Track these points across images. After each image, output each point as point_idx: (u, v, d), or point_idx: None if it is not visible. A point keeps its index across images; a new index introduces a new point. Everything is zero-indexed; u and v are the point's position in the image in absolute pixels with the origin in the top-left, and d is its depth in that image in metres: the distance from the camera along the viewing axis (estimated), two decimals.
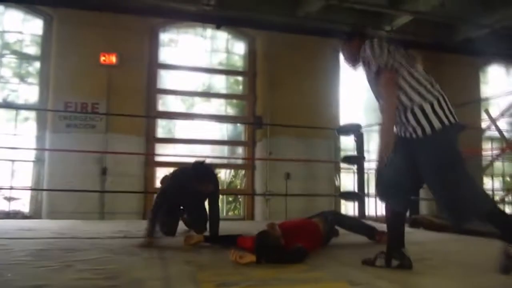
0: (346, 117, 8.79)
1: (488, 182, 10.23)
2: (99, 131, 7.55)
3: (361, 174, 6.22)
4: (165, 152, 8.29)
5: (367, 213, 6.28)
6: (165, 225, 3.93)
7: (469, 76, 9.90)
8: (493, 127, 9.69)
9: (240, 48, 9.13)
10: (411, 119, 2.44)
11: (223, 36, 8.93)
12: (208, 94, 8.81)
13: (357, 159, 6.13)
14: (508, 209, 10.19)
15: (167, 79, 8.53)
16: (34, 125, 7.69)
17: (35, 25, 7.92)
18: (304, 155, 8.23)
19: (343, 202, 8.28)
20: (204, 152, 8.14)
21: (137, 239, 3.71)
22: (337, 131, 6.82)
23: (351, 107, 9.18)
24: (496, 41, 9.29)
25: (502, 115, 9.47)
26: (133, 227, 4.48)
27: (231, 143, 8.91)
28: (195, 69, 8.66)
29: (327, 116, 8.61)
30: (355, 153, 6.19)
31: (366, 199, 6.37)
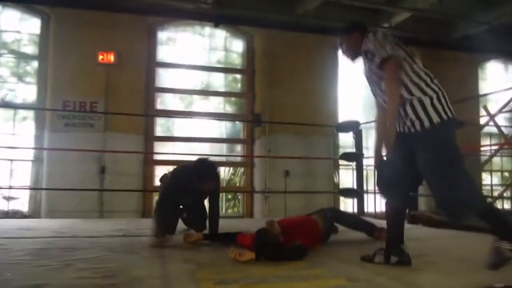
0: (344, 114, 8.80)
1: (486, 178, 10.25)
2: (97, 130, 7.54)
3: (360, 171, 6.23)
4: (163, 150, 8.28)
5: (366, 210, 6.30)
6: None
7: (467, 73, 9.91)
8: (491, 123, 9.72)
9: (238, 46, 9.12)
10: (410, 112, 2.43)
11: (221, 34, 8.92)
12: (206, 92, 8.80)
13: (356, 156, 6.14)
14: (507, 204, 10.23)
15: (165, 78, 8.51)
16: (33, 124, 7.68)
17: (33, 25, 7.90)
18: (303, 152, 8.23)
19: (342, 199, 8.30)
20: (203, 150, 8.15)
21: (136, 237, 3.73)
22: (336, 128, 6.82)
23: (349, 104, 9.17)
24: (494, 37, 9.29)
25: (500, 111, 9.49)
26: (132, 226, 4.49)
27: (229, 141, 8.91)
28: (194, 67, 8.64)
29: (326, 113, 8.62)
30: (354, 150, 6.19)
31: (365, 196, 6.38)
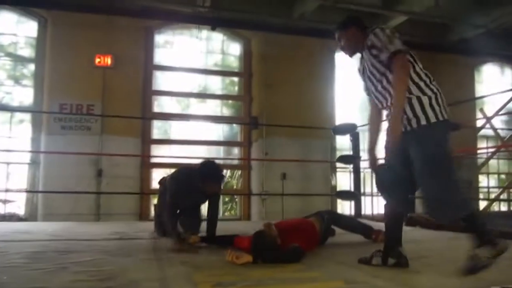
0: (341, 117, 8.80)
1: (483, 180, 10.29)
2: (94, 133, 7.53)
3: (357, 173, 6.23)
4: (161, 153, 8.27)
5: (363, 212, 6.30)
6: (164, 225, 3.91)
7: (464, 76, 9.95)
8: (488, 125, 9.75)
9: (235, 49, 9.13)
10: (408, 110, 2.43)
11: (218, 37, 8.93)
12: (203, 95, 8.80)
13: (353, 158, 6.14)
14: (503, 207, 10.27)
15: (162, 80, 8.51)
16: (29, 127, 7.66)
17: (30, 27, 7.89)
18: (300, 155, 8.23)
19: (339, 201, 8.30)
20: (200, 153, 8.14)
21: (133, 240, 3.72)
22: (333, 131, 6.83)
23: (346, 107, 9.18)
24: (490, 40, 9.34)
25: (497, 113, 9.52)
26: (129, 229, 4.48)
27: (227, 143, 8.91)
28: (191, 70, 8.65)
29: (323, 116, 8.62)
30: (351, 153, 6.20)
31: (362, 198, 6.39)
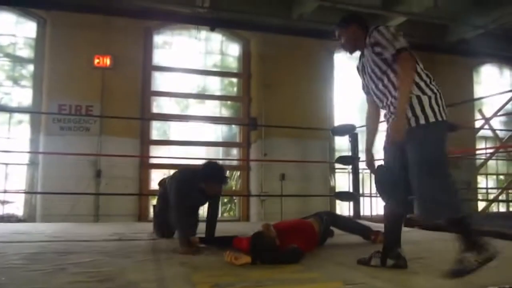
0: (340, 118, 8.80)
1: (482, 181, 10.30)
2: (93, 134, 7.52)
3: (356, 174, 6.23)
4: (159, 154, 8.27)
5: (362, 213, 6.30)
6: (164, 227, 3.90)
7: (462, 76, 9.96)
8: (486, 126, 9.77)
9: (234, 49, 9.13)
10: (407, 109, 2.41)
11: (217, 38, 8.93)
12: (202, 96, 8.80)
13: (352, 159, 6.13)
14: (502, 208, 10.28)
15: (161, 81, 8.50)
16: (28, 128, 7.64)
17: (29, 28, 7.88)
18: (299, 156, 8.24)
19: (338, 202, 8.29)
20: (199, 154, 8.14)
21: (132, 241, 3.71)
22: (332, 131, 6.82)
23: (345, 107, 9.18)
24: (489, 41, 9.36)
25: (496, 114, 9.54)
26: (127, 230, 4.47)
27: (225, 144, 8.90)
28: (190, 71, 8.64)
29: (322, 117, 8.63)
30: (350, 154, 6.20)
31: (361, 199, 6.39)
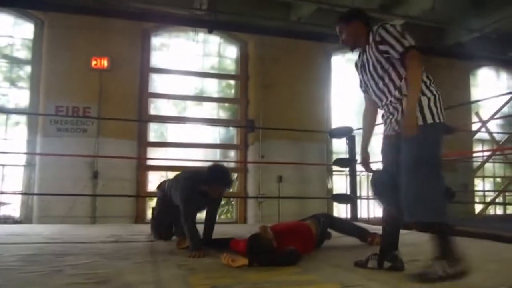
0: (338, 120, 8.82)
1: (479, 184, 10.33)
2: (90, 135, 7.51)
3: (353, 176, 6.25)
4: (157, 156, 8.25)
5: (359, 215, 6.31)
6: (162, 229, 3.89)
7: (459, 79, 9.98)
8: (483, 129, 9.82)
9: (232, 52, 9.14)
10: (406, 110, 2.39)
11: (215, 40, 8.93)
12: (200, 98, 8.79)
13: (349, 162, 6.15)
14: (499, 210, 10.31)
15: (159, 83, 8.49)
16: (25, 129, 7.62)
17: (26, 29, 7.86)
18: (296, 158, 8.24)
19: (335, 204, 8.30)
20: (197, 156, 8.13)
21: (129, 243, 3.71)
22: (329, 134, 6.82)
23: (343, 110, 9.20)
24: (486, 45, 9.41)
25: (492, 117, 9.58)
26: (125, 231, 4.47)
27: (223, 146, 8.89)
28: (187, 73, 8.64)
29: (319, 119, 8.65)
30: (347, 156, 6.21)
31: (358, 202, 6.40)
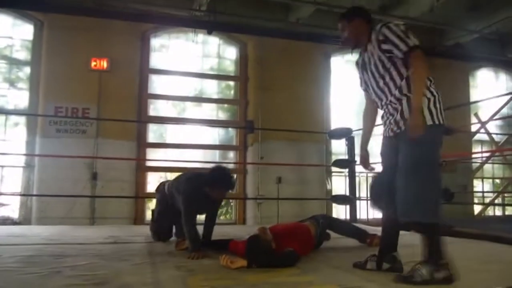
0: (337, 121, 8.82)
1: (478, 185, 10.34)
2: (89, 136, 7.50)
3: (352, 177, 6.25)
4: (156, 157, 8.25)
5: (358, 217, 6.31)
6: (163, 231, 3.88)
7: (459, 80, 9.98)
8: (482, 130, 9.82)
9: (231, 53, 9.15)
10: (405, 108, 2.38)
11: (214, 41, 8.94)
12: (199, 99, 8.79)
13: (348, 162, 6.15)
14: (498, 211, 10.31)
15: (158, 84, 8.49)
16: (24, 130, 7.62)
17: (26, 30, 7.87)
18: (295, 159, 8.25)
19: (334, 205, 8.29)
20: (196, 157, 8.13)
21: (128, 244, 3.70)
22: (328, 135, 6.84)
23: (342, 111, 9.20)
24: (485, 46, 9.42)
25: (491, 118, 9.59)
26: (123, 233, 4.46)
27: (222, 147, 8.89)
28: (187, 74, 8.64)
29: (318, 120, 8.66)
30: (346, 157, 6.21)
31: (358, 203, 6.39)
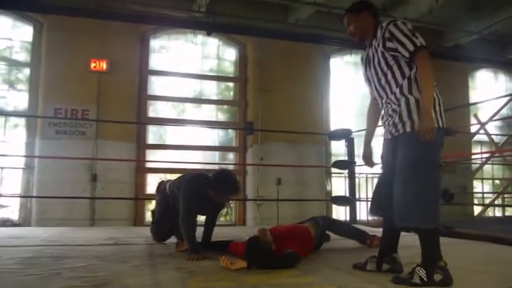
0: (336, 122, 8.83)
1: (478, 186, 10.34)
2: (89, 138, 7.51)
3: (352, 179, 6.24)
4: (155, 158, 8.25)
5: (358, 218, 6.30)
6: (163, 232, 3.87)
7: (458, 81, 10.00)
8: (482, 131, 9.83)
9: (231, 54, 9.16)
10: (404, 112, 2.34)
11: (214, 42, 8.95)
12: (199, 100, 8.80)
13: (348, 164, 6.14)
14: (498, 212, 10.32)
15: (157, 86, 8.50)
16: (24, 131, 7.63)
17: (25, 32, 7.88)
18: (295, 160, 8.26)
19: (334, 207, 8.30)
20: (195, 158, 8.13)
21: (128, 246, 3.70)
22: (328, 136, 6.84)
23: (341, 112, 9.21)
24: (484, 47, 9.43)
25: (491, 119, 9.60)
26: (123, 234, 4.46)
27: (222, 149, 8.90)
28: (186, 75, 8.65)
29: (318, 121, 8.67)
30: (346, 158, 6.21)
31: (357, 204, 6.39)
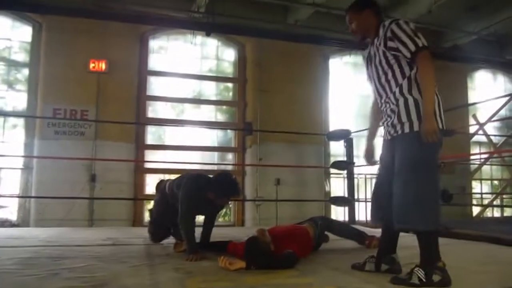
0: (335, 123, 8.84)
1: (476, 186, 10.35)
2: (88, 138, 7.50)
3: (351, 179, 6.25)
4: (154, 158, 8.24)
5: (357, 218, 6.31)
6: (161, 232, 3.86)
7: (457, 82, 10.01)
8: (480, 131, 9.84)
9: (230, 54, 9.16)
10: (402, 112, 2.32)
11: (213, 43, 8.95)
12: (198, 101, 8.80)
13: (347, 164, 6.15)
14: (497, 213, 10.33)
15: (156, 86, 8.50)
16: (22, 132, 7.62)
17: (24, 32, 7.87)
18: (294, 161, 8.26)
19: (333, 207, 8.30)
20: (194, 159, 8.13)
21: (126, 246, 3.70)
22: (327, 136, 6.84)
23: (340, 113, 9.22)
24: (483, 47, 9.44)
25: (490, 120, 9.61)
26: (122, 234, 4.46)
27: (221, 149, 8.90)
28: (185, 75, 8.65)
29: (317, 122, 8.67)
30: (345, 159, 6.21)
31: (356, 204, 6.40)
